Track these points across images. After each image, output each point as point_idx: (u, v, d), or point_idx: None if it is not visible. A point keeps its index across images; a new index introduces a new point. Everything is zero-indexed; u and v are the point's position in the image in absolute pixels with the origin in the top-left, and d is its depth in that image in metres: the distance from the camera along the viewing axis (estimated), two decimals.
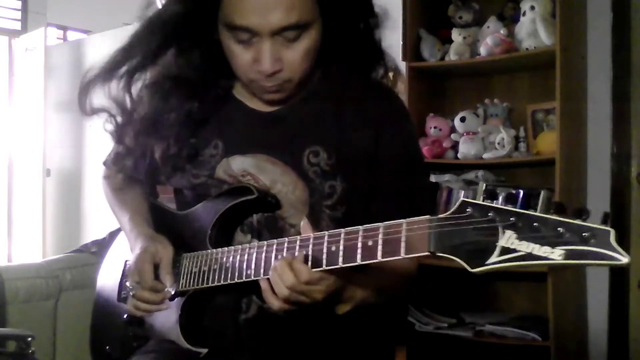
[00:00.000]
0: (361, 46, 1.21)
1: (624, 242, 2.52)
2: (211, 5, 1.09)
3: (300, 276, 0.98)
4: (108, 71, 1.18)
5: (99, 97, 1.21)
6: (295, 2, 1.04)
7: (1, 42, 4.82)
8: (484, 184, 2.73)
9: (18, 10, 4.80)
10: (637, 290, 2.63)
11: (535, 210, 0.76)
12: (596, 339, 2.73)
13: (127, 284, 1.21)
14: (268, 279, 1.03)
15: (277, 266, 1.00)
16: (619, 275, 2.65)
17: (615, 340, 2.67)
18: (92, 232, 3.94)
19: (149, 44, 1.16)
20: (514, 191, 2.59)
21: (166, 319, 1.19)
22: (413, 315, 2.77)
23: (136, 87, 1.20)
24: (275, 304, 1.03)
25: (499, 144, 2.69)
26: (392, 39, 2.89)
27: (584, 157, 2.75)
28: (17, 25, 4.81)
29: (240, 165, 1.19)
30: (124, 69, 1.17)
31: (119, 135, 1.24)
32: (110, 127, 1.24)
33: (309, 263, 0.98)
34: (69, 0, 4.85)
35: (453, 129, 2.89)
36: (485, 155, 2.72)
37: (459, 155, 2.82)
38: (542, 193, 2.54)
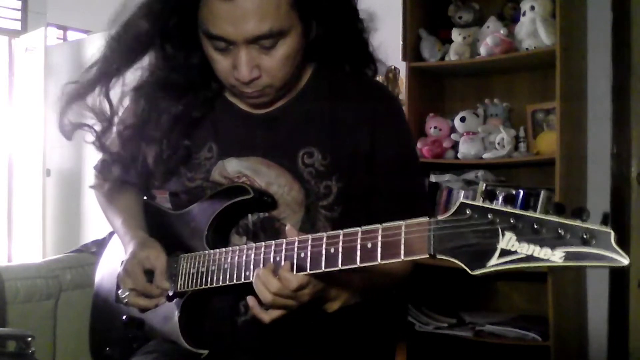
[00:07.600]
0: (349, 48, 1.21)
1: (624, 242, 2.52)
2: (189, 13, 1.09)
3: (288, 285, 0.97)
4: (86, 88, 1.17)
5: (75, 112, 1.19)
6: (268, 11, 1.03)
7: (1, 42, 4.81)
8: (484, 184, 2.73)
9: (18, 10, 4.79)
10: (637, 290, 2.63)
11: (536, 210, 0.76)
12: (596, 339, 2.72)
13: (119, 291, 1.21)
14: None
15: (259, 274, 1.00)
16: (619, 275, 2.65)
17: (615, 340, 2.67)
18: (92, 232, 3.93)
19: (126, 51, 1.15)
20: (513, 191, 2.59)
21: (166, 319, 1.19)
22: (413, 315, 2.77)
23: (114, 92, 1.19)
24: (265, 318, 1.03)
25: (499, 144, 2.69)
26: (392, 39, 2.89)
27: (584, 157, 2.75)
28: (17, 25, 4.80)
29: (236, 168, 1.19)
30: (99, 75, 1.16)
31: (101, 143, 1.23)
32: (91, 137, 1.23)
33: (294, 269, 0.97)
34: (69, 0, 4.83)
35: (453, 129, 2.89)
36: (485, 155, 2.72)
37: (459, 155, 2.82)
38: (542, 193, 2.54)
